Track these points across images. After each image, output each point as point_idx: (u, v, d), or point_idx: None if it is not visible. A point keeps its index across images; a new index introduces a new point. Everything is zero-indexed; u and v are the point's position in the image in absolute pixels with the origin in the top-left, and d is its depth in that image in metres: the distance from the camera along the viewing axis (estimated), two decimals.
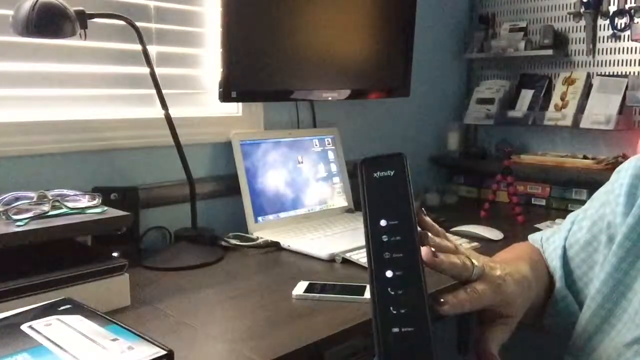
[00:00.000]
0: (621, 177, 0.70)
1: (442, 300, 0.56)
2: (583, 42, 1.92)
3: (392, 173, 0.54)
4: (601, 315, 0.65)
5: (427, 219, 0.59)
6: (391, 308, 0.50)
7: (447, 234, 0.63)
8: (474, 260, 0.59)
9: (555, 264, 0.74)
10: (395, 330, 0.50)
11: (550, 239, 0.79)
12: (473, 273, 0.59)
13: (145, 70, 1.24)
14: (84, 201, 1.01)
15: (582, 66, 1.95)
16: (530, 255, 0.76)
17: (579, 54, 1.95)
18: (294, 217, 1.55)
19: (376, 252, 0.52)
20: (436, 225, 0.61)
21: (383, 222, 0.53)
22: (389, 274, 0.51)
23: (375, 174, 0.55)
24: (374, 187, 0.54)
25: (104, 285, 0.95)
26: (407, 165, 0.54)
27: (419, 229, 0.55)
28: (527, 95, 2.03)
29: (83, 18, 1.12)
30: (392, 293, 0.51)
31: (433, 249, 0.55)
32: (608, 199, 0.71)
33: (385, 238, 0.52)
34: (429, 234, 0.58)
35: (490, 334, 0.61)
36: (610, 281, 0.65)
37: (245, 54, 1.41)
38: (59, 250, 0.97)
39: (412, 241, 0.52)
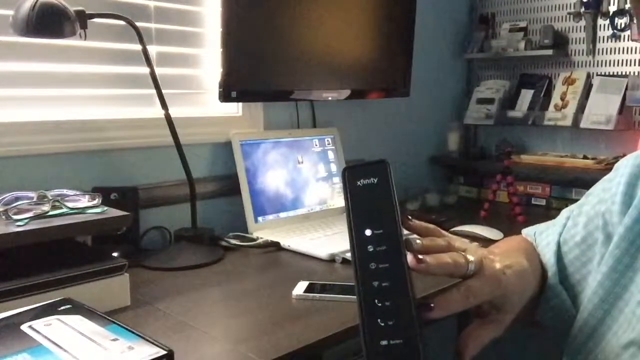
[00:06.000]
0: (619, 175, 0.69)
1: (431, 304, 0.52)
2: (583, 42, 1.92)
3: (375, 180, 0.53)
4: (598, 317, 0.64)
5: (414, 222, 0.56)
6: (379, 320, 0.49)
7: (442, 230, 0.60)
8: (469, 256, 0.56)
9: (549, 258, 0.73)
10: (384, 342, 0.48)
11: (544, 233, 0.77)
12: (468, 269, 0.55)
13: (145, 70, 1.24)
14: (84, 201, 1.01)
15: (582, 66, 1.95)
16: (525, 248, 0.75)
17: (579, 54, 1.95)
18: (294, 217, 1.55)
19: (362, 263, 0.50)
20: (427, 225, 0.58)
21: (368, 232, 0.51)
22: (375, 284, 0.50)
23: (358, 182, 0.53)
24: (357, 196, 0.53)
25: (104, 285, 0.95)
26: (390, 172, 0.53)
27: (405, 232, 0.53)
28: (527, 95, 2.03)
29: (83, 18, 1.12)
30: (379, 305, 0.49)
31: (419, 255, 0.53)
32: (605, 197, 0.70)
33: (370, 248, 0.51)
34: (415, 238, 0.54)
35: (478, 331, 0.59)
36: (606, 282, 0.64)
37: (245, 54, 1.41)
38: (59, 250, 0.97)
39: (397, 250, 0.51)
